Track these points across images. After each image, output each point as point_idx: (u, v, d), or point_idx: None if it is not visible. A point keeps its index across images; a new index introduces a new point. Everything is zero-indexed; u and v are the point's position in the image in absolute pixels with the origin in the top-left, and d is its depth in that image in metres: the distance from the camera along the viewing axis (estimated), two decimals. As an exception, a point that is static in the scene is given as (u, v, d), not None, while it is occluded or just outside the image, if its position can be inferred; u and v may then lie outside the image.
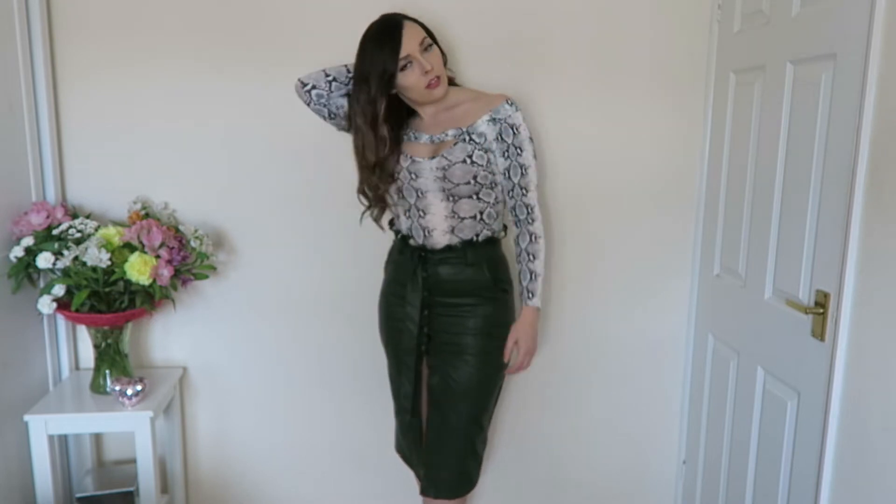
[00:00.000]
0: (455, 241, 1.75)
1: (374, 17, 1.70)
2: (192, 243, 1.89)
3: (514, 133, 1.72)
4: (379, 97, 1.67)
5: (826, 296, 1.47)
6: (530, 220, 1.77)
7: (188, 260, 1.87)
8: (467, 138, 1.72)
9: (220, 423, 2.19)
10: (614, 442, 2.29)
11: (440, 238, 1.75)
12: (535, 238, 1.78)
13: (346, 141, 1.85)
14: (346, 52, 1.89)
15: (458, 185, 1.70)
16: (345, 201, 1.90)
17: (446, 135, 1.73)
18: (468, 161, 1.70)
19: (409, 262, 1.78)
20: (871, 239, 1.36)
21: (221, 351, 2.14)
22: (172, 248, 1.82)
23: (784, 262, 1.66)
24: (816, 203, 1.52)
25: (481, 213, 1.75)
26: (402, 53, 1.63)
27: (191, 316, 2.10)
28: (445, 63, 1.75)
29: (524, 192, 1.76)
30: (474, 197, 1.73)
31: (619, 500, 2.32)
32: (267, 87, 1.99)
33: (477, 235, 1.76)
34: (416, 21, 1.69)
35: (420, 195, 1.73)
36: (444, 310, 1.77)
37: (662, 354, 2.24)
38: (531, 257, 1.77)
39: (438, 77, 1.68)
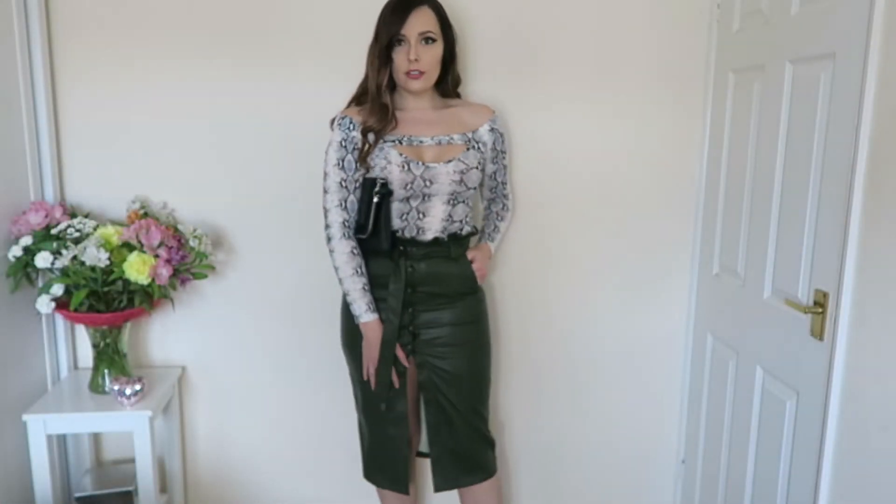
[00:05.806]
0: (442, 235, 1.79)
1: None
2: (191, 243, 1.89)
3: (503, 140, 1.89)
4: (382, 58, 1.71)
5: (825, 295, 1.48)
6: (506, 198, 1.98)
7: (187, 259, 1.87)
8: (475, 145, 1.81)
9: (219, 423, 2.18)
10: (613, 441, 2.29)
11: (429, 235, 1.78)
12: (507, 207, 1.98)
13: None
14: (343, 53, 1.89)
15: (469, 189, 1.78)
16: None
17: (452, 138, 1.78)
18: (478, 167, 1.79)
19: (389, 256, 1.76)
20: (870, 238, 1.36)
21: (221, 350, 2.14)
22: (171, 247, 1.82)
23: (783, 261, 1.66)
24: (815, 202, 1.52)
25: (467, 215, 1.84)
26: (402, 31, 1.68)
27: (190, 315, 2.10)
28: (448, 71, 1.80)
29: (505, 185, 1.96)
30: (467, 202, 1.82)
31: (619, 499, 2.32)
32: (266, 87, 1.98)
33: (461, 231, 1.82)
34: (436, 12, 1.72)
35: (426, 198, 1.75)
36: (426, 305, 1.79)
37: (661, 354, 2.24)
38: (500, 217, 1.97)
39: (421, 72, 1.70)
